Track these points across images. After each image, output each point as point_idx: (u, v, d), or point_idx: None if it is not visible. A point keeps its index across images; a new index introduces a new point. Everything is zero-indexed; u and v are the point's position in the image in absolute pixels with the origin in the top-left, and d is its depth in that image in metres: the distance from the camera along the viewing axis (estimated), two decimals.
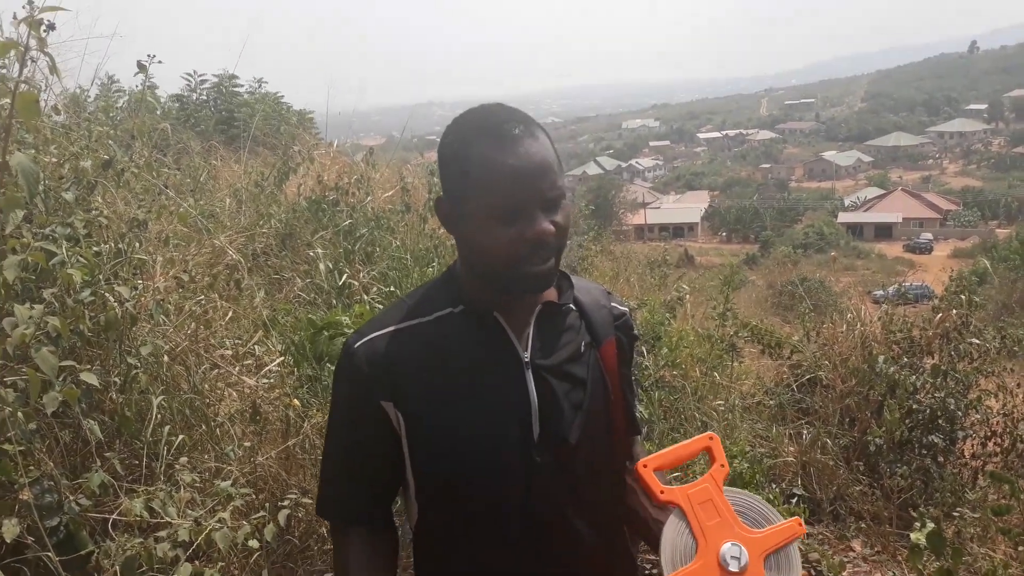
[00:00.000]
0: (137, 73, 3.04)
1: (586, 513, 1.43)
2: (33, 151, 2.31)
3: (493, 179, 1.27)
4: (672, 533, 1.29)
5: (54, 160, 2.71)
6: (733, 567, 1.24)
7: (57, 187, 2.62)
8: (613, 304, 1.56)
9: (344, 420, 1.44)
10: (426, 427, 1.36)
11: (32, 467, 2.27)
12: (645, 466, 1.34)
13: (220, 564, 2.52)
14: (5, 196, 1.84)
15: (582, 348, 1.45)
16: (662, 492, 1.32)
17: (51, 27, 1.83)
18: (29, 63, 1.86)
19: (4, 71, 2.62)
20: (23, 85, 1.83)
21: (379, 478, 1.45)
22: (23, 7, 2.36)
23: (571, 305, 1.47)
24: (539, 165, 1.28)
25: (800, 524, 1.34)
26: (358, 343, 1.39)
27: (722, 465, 1.37)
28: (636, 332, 1.63)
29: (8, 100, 1.82)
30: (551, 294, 1.45)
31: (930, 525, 2.60)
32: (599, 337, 1.48)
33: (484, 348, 1.37)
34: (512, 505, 1.37)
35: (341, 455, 1.46)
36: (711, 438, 1.40)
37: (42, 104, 2.34)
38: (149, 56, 3.08)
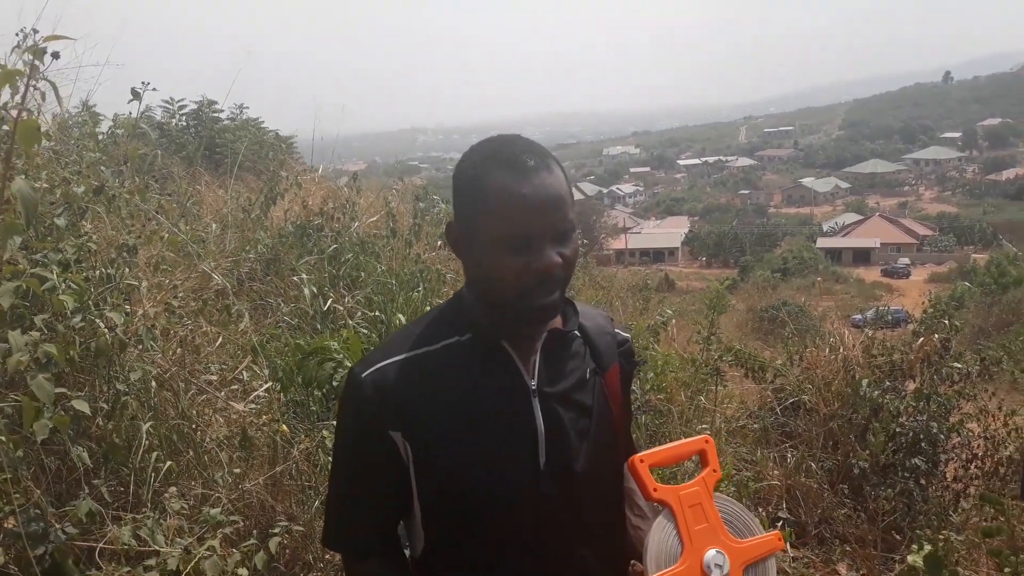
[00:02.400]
0: (131, 100, 3.06)
1: (592, 540, 1.43)
2: (23, 176, 2.30)
3: (506, 208, 1.28)
4: (659, 533, 1.30)
5: (45, 186, 2.71)
6: (716, 574, 1.26)
7: (49, 213, 2.62)
8: (616, 330, 1.57)
9: (351, 450, 1.43)
10: (433, 456, 1.35)
11: (18, 495, 2.25)
12: (642, 461, 1.33)
13: None
14: (4, 222, 1.84)
15: (587, 375, 1.45)
16: (655, 490, 1.31)
17: (55, 56, 1.84)
18: (31, 90, 1.87)
19: None
20: (22, 113, 1.84)
21: (387, 507, 1.44)
22: (16, 34, 2.38)
23: (576, 332, 1.48)
24: (552, 198, 1.30)
25: (780, 539, 1.36)
26: (365, 373, 1.38)
27: (714, 470, 1.37)
28: (637, 358, 1.64)
29: (4, 126, 1.82)
30: (556, 321, 1.46)
31: (927, 547, 2.62)
32: (604, 364, 1.49)
33: (491, 377, 1.38)
34: (519, 533, 1.37)
35: (349, 485, 1.45)
36: (707, 441, 1.41)
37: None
38: (144, 83, 3.10)
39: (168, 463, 2.78)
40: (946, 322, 5.05)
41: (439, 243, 6.38)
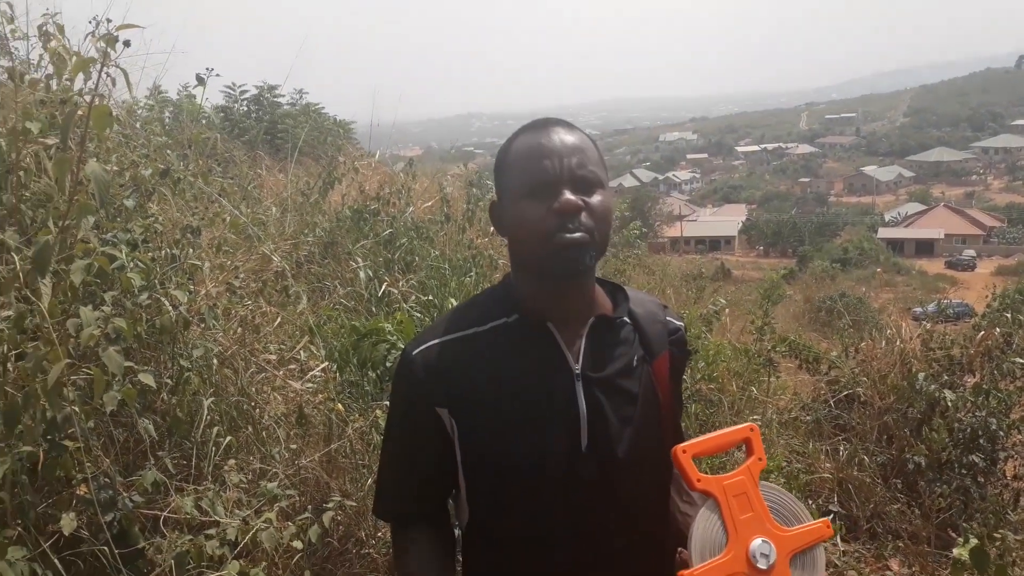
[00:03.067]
0: (196, 85, 3.15)
1: (633, 527, 1.44)
2: (94, 159, 2.40)
3: (524, 159, 1.37)
4: (704, 523, 1.29)
5: (115, 168, 2.81)
6: (761, 564, 1.24)
7: (117, 194, 2.73)
8: (669, 318, 1.56)
9: (401, 424, 1.49)
10: (477, 434, 1.40)
11: (90, 463, 2.35)
12: (685, 451, 1.32)
13: (264, 564, 2.58)
14: (78, 204, 1.94)
15: (635, 362, 1.46)
16: (699, 480, 1.30)
17: (127, 44, 1.92)
18: (103, 76, 1.95)
19: (69, 82, 2.74)
20: (95, 99, 1.93)
21: (434, 480, 1.49)
22: (89, 22, 2.48)
23: (626, 318, 1.49)
24: (569, 145, 1.36)
25: (828, 526, 1.33)
26: (416, 350, 1.43)
27: (759, 459, 1.35)
28: (689, 348, 1.64)
29: (79, 110, 1.91)
30: (606, 307, 1.48)
31: (973, 541, 2.58)
32: (653, 351, 1.49)
33: (536, 358, 1.40)
34: (558, 514, 1.39)
35: (398, 458, 1.50)
36: (752, 429, 1.38)
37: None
38: (208, 70, 3.19)
39: (228, 438, 2.88)
40: (1009, 316, 4.92)
41: (491, 229, 6.43)
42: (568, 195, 1.32)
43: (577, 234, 1.32)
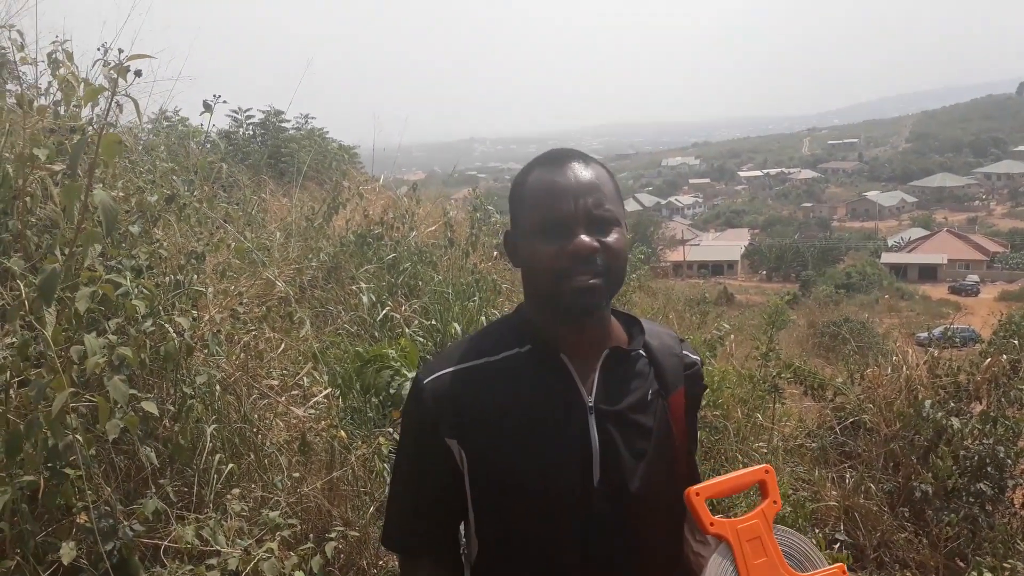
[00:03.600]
0: (203, 112, 3.17)
1: (646, 563, 1.42)
2: (100, 185, 2.41)
3: (539, 196, 1.35)
4: (716, 569, 1.27)
5: (121, 194, 2.82)
6: None
7: (123, 220, 2.73)
8: (685, 352, 1.55)
9: (411, 454, 1.47)
10: (488, 466, 1.38)
11: (90, 492, 2.34)
12: (698, 494, 1.31)
13: None
14: (85, 232, 1.94)
15: (649, 396, 1.44)
16: (712, 524, 1.29)
17: (138, 74, 1.93)
18: (112, 104, 1.96)
19: (77, 109, 2.75)
20: (104, 127, 1.94)
21: (444, 511, 1.47)
22: (98, 48, 2.49)
23: (641, 351, 1.47)
24: (585, 184, 1.35)
25: (844, 572, 1.32)
26: (427, 379, 1.41)
27: (774, 502, 1.33)
28: (704, 383, 1.62)
29: (88, 138, 1.91)
30: (621, 338, 1.47)
31: (987, 574, 2.55)
32: (669, 386, 1.47)
33: (548, 390, 1.39)
34: (569, 549, 1.37)
35: (407, 488, 1.48)
36: (767, 471, 1.37)
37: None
38: (215, 96, 3.21)
39: (230, 465, 2.86)
40: (1016, 342, 4.89)
41: (495, 253, 6.43)
42: (583, 238, 1.31)
43: (590, 280, 1.32)
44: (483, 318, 4.99)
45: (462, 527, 1.52)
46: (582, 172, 1.36)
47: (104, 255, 2.53)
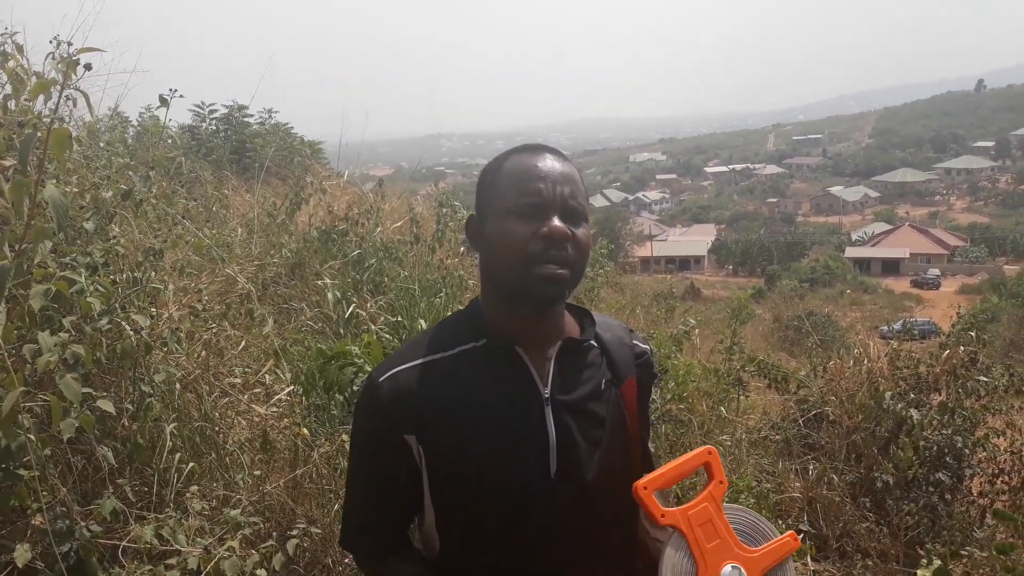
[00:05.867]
0: (159, 107, 3.11)
1: (605, 551, 1.43)
2: (54, 181, 2.36)
3: (517, 179, 1.37)
4: (672, 558, 1.29)
5: (75, 190, 2.77)
6: None
7: (78, 216, 2.68)
8: (635, 342, 1.57)
9: (367, 453, 1.46)
10: (446, 461, 1.37)
11: (45, 493, 2.29)
12: (645, 488, 1.32)
13: None
14: (35, 228, 1.89)
15: (603, 385, 1.46)
16: (663, 515, 1.30)
17: (88, 68, 1.89)
18: (63, 98, 1.92)
19: (28, 103, 2.69)
20: (54, 121, 1.89)
21: (402, 509, 1.46)
22: (50, 41, 2.44)
23: (592, 342, 1.49)
24: (562, 173, 1.38)
25: (795, 538, 1.34)
26: (381, 377, 1.40)
27: (720, 482, 1.35)
28: (656, 371, 1.64)
29: (38, 133, 1.87)
30: (573, 330, 1.48)
31: (936, 562, 2.59)
32: (620, 375, 1.49)
33: (504, 383, 1.39)
34: (530, 541, 1.38)
35: (365, 487, 1.47)
36: (710, 453, 1.37)
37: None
38: (171, 90, 3.16)
39: (191, 464, 2.82)
40: (973, 335, 4.99)
41: (461, 249, 6.41)
42: (557, 221, 1.33)
43: (559, 269, 1.33)
44: (449, 314, 4.97)
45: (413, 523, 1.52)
46: (559, 163, 1.39)
47: (57, 252, 2.48)
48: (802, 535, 4.27)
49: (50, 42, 2.49)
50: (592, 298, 8.53)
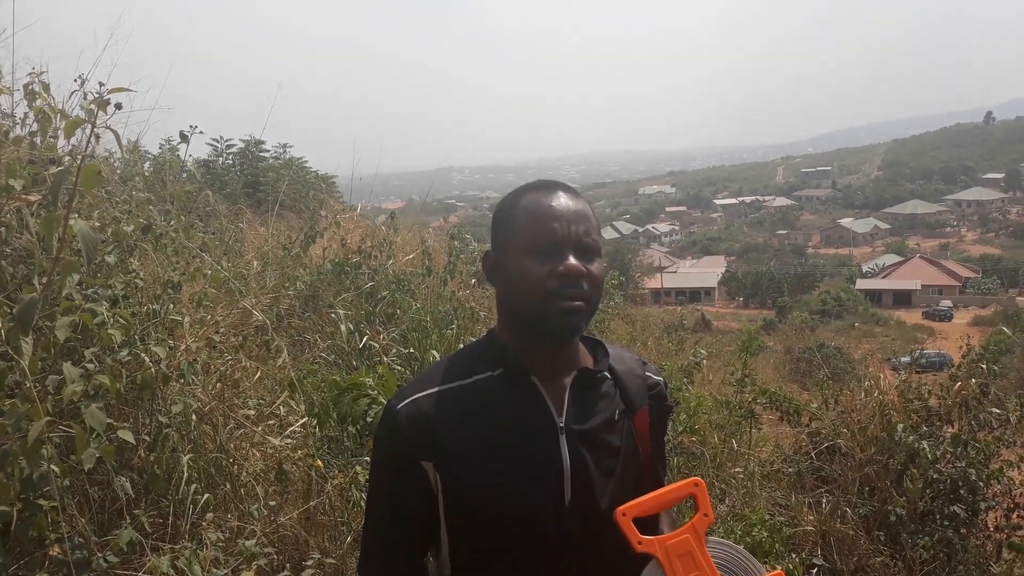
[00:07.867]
0: (180, 142, 3.18)
1: None
2: (76, 215, 2.41)
3: (533, 218, 1.41)
4: None
5: (97, 224, 2.82)
6: None
7: (101, 250, 2.73)
8: (648, 373, 1.60)
9: (385, 479, 1.49)
10: (461, 488, 1.40)
11: (64, 523, 2.31)
12: (624, 514, 1.33)
13: None
14: (65, 261, 1.94)
15: (616, 416, 1.49)
16: (640, 543, 1.31)
17: (118, 107, 1.95)
18: (92, 136, 1.97)
19: (53, 140, 2.76)
20: (81, 158, 1.95)
21: (420, 536, 1.48)
22: (75, 80, 2.51)
23: (606, 373, 1.52)
24: (576, 212, 1.42)
25: None
26: (400, 404, 1.44)
27: (705, 515, 1.35)
28: (670, 402, 1.67)
29: (66, 168, 1.92)
30: (587, 361, 1.52)
31: None
32: (633, 406, 1.52)
33: (520, 412, 1.42)
34: (542, 569, 1.40)
35: (383, 514, 1.49)
36: (696, 484, 1.38)
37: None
38: (192, 127, 3.23)
39: (206, 495, 2.84)
40: (984, 367, 4.97)
41: (473, 281, 6.45)
42: (572, 260, 1.37)
43: (576, 302, 1.38)
44: (461, 345, 5.00)
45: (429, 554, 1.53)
46: (573, 202, 1.43)
47: (81, 284, 2.52)
48: (816, 569, 4.24)
49: (75, 80, 2.57)
50: (603, 329, 8.54)
